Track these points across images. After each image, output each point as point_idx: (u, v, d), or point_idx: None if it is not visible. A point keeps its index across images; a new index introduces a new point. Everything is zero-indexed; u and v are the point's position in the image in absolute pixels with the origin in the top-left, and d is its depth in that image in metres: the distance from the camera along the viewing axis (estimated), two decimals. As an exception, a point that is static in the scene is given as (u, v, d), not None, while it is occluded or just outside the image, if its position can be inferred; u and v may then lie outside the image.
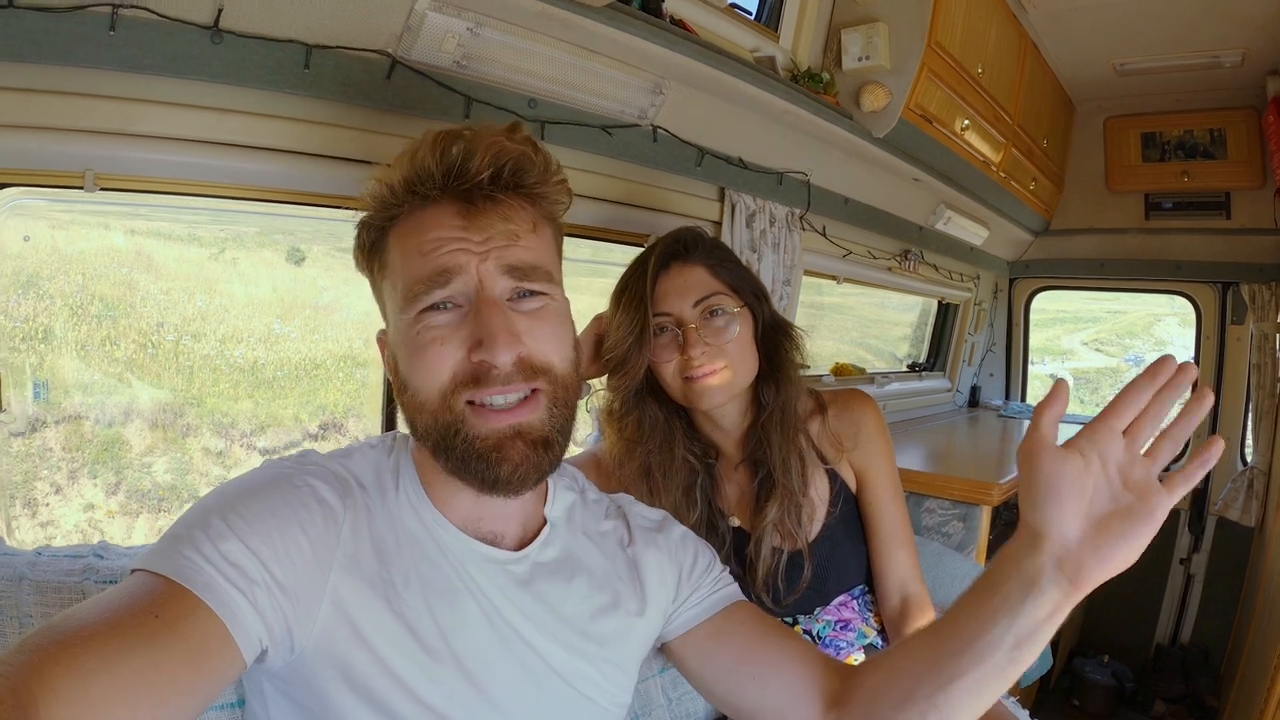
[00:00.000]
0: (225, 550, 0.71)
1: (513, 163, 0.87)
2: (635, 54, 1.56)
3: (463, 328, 0.84)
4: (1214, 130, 3.62)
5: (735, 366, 1.34)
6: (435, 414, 0.84)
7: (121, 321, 1.75)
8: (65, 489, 1.66)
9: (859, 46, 2.21)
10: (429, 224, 0.86)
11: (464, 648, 0.86)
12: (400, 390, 0.89)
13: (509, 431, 0.84)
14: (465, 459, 0.84)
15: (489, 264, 0.85)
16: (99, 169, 1.13)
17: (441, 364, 0.83)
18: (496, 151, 0.86)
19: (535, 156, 0.89)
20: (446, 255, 0.84)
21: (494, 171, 0.86)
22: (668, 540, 1.09)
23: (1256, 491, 3.61)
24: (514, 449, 0.84)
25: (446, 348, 0.83)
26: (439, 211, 0.86)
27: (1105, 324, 7.87)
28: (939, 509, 2.25)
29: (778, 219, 2.20)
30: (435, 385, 0.84)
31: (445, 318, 0.84)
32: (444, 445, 0.85)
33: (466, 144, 0.85)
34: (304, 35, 1.17)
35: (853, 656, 1.43)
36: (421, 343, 0.84)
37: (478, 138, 0.86)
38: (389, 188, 0.88)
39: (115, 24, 1.00)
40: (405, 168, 0.86)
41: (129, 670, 0.60)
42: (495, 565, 0.91)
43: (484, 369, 0.83)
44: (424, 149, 0.86)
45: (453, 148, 0.85)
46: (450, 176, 0.85)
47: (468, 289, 0.84)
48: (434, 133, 0.87)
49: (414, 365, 0.85)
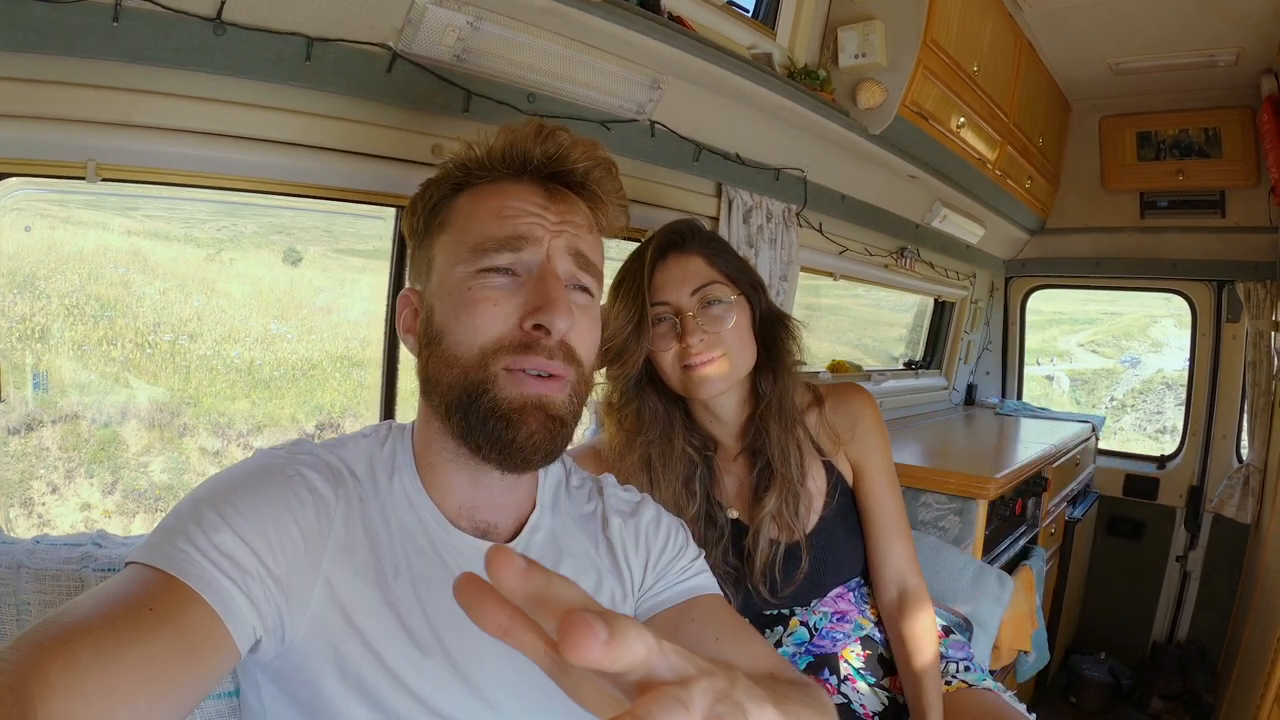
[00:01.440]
0: (218, 541, 0.71)
1: (601, 169, 0.93)
2: (633, 49, 1.57)
3: (519, 295, 0.86)
4: (1209, 129, 3.64)
5: (733, 355, 1.35)
6: (467, 371, 0.85)
7: (118, 321, 1.75)
8: (62, 488, 1.66)
9: (855, 44, 2.22)
10: (512, 193, 0.89)
11: (455, 640, 0.85)
12: (431, 342, 0.88)
13: (535, 400, 0.85)
14: (485, 419, 0.84)
15: (560, 241, 0.88)
16: (101, 159, 1.13)
17: (491, 322, 0.85)
18: (592, 154, 0.92)
19: (615, 173, 0.95)
20: (525, 224, 0.87)
21: (586, 169, 0.92)
22: (639, 523, 1.07)
23: (1252, 488, 3.62)
24: (534, 417, 0.84)
25: (500, 308, 0.85)
26: (524, 187, 0.90)
27: (1101, 325, 7.89)
28: (935, 503, 2.26)
29: (774, 215, 2.20)
30: (478, 342, 0.84)
31: (504, 280, 0.86)
32: (465, 404, 0.84)
33: (569, 140, 0.91)
34: (306, 28, 1.18)
35: (849, 649, 1.44)
36: (475, 298, 0.85)
37: (576, 139, 0.92)
38: (486, 152, 0.92)
39: (118, 15, 1.01)
40: (503, 141, 0.91)
41: (125, 664, 0.60)
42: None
43: (533, 338, 0.84)
44: (524, 131, 0.91)
45: (555, 137, 0.91)
46: (548, 160, 0.91)
47: (534, 260, 0.87)
48: (538, 121, 0.92)
49: (461, 317, 0.85)
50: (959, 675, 1.44)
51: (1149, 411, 7.07)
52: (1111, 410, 7.02)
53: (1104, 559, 4.12)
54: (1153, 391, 7.17)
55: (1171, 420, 6.42)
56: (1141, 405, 7.18)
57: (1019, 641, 2.15)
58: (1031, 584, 2.37)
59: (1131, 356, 7.62)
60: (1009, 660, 2.22)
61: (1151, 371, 7.32)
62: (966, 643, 1.57)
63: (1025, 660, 2.38)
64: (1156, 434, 6.71)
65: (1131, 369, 7.51)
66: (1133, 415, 7.10)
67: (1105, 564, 4.11)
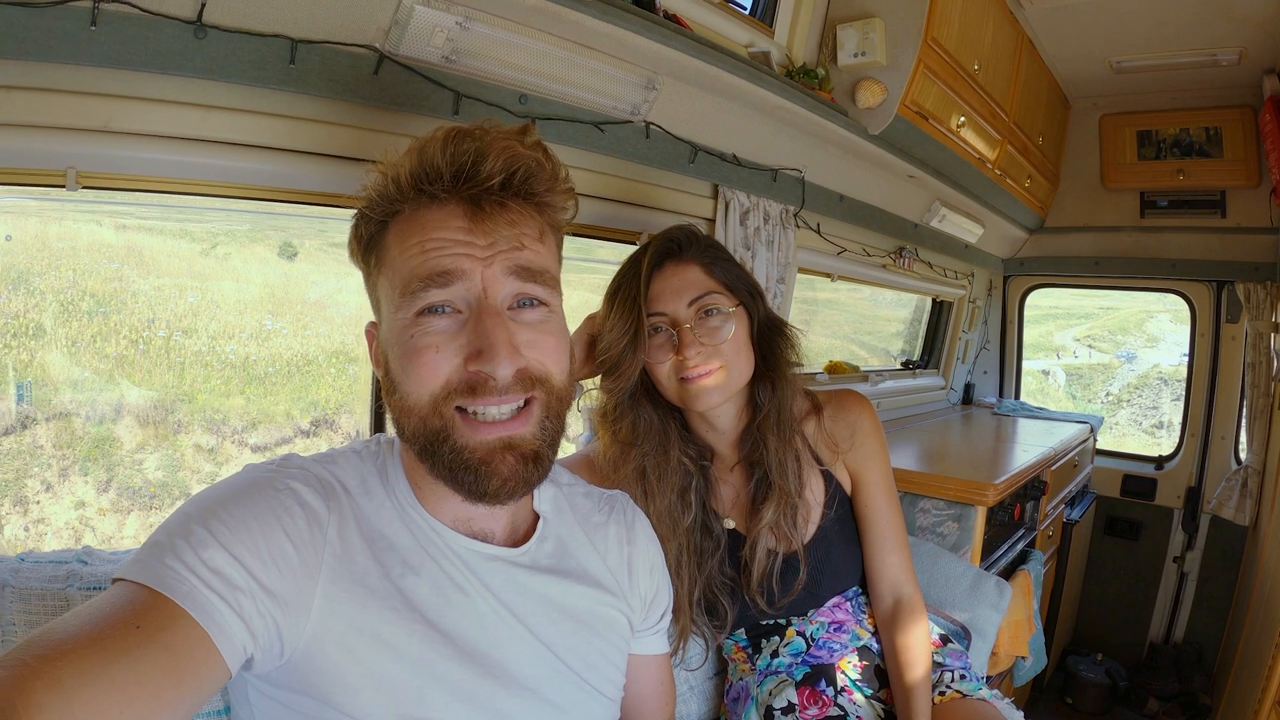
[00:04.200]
0: (207, 558, 0.70)
1: (524, 169, 0.85)
2: (628, 49, 1.54)
3: (460, 335, 0.82)
4: (1210, 129, 3.61)
5: (731, 366, 1.33)
6: (424, 419, 0.83)
7: (112, 318, 1.74)
8: (56, 486, 1.65)
9: (855, 42, 2.20)
10: (433, 223, 0.83)
11: (471, 644, 0.86)
12: (389, 391, 0.87)
13: (499, 444, 0.83)
14: (453, 469, 0.83)
15: (494, 269, 0.83)
16: (81, 167, 1.11)
17: (435, 371, 0.82)
18: (509, 157, 0.84)
19: (546, 164, 0.88)
20: (449, 257, 0.82)
21: (505, 177, 0.84)
22: (652, 565, 1.15)
23: (1250, 490, 3.62)
24: (503, 463, 0.83)
25: (442, 355, 0.82)
26: (445, 212, 0.84)
27: (1097, 320, 7.90)
28: (934, 509, 2.24)
29: (772, 216, 2.18)
30: (426, 391, 0.82)
31: (443, 323, 0.82)
32: (431, 451, 0.83)
33: (479, 146, 0.83)
34: (289, 30, 1.15)
35: (846, 660, 1.42)
36: (416, 347, 0.82)
37: (490, 140, 0.84)
38: (394, 181, 0.85)
39: (96, 19, 0.98)
40: (413, 162, 0.84)
41: (111, 683, 0.59)
42: (500, 562, 0.92)
43: (480, 379, 0.81)
44: (434, 146, 0.84)
45: (464, 148, 0.83)
46: (460, 178, 0.83)
47: (469, 295, 0.83)
48: (445, 130, 0.85)
49: (406, 368, 0.83)
50: (954, 685, 1.43)
51: (1144, 407, 7.08)
52: (1107, 405, 7.04)
53: (1101, 560, 4.12)
54: (1148, 387, 7.19)
55: (1167, 416, 6.43)
56: (1137, 401, 7.19)
57: (1017, 647, 2.14)
58: (1029, 589, 2.36)
59: (1127, 352, 7.63)
60: (1007, 666, 2.21)
61: (1147, 367, 7.33)
62: (964, 651, 1.56)
63: (1022, 665, 2.37)
64: (1152, 429, 6.73)
65: (1127, 364, 7.52)
66: (1128, 410, 7.11)
67: (1102, 565, 4.12)
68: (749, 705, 1.43)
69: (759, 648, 1.46)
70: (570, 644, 0.95)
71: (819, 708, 1.38)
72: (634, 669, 1.12)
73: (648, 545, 1.14)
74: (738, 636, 1.49)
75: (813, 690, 1.39)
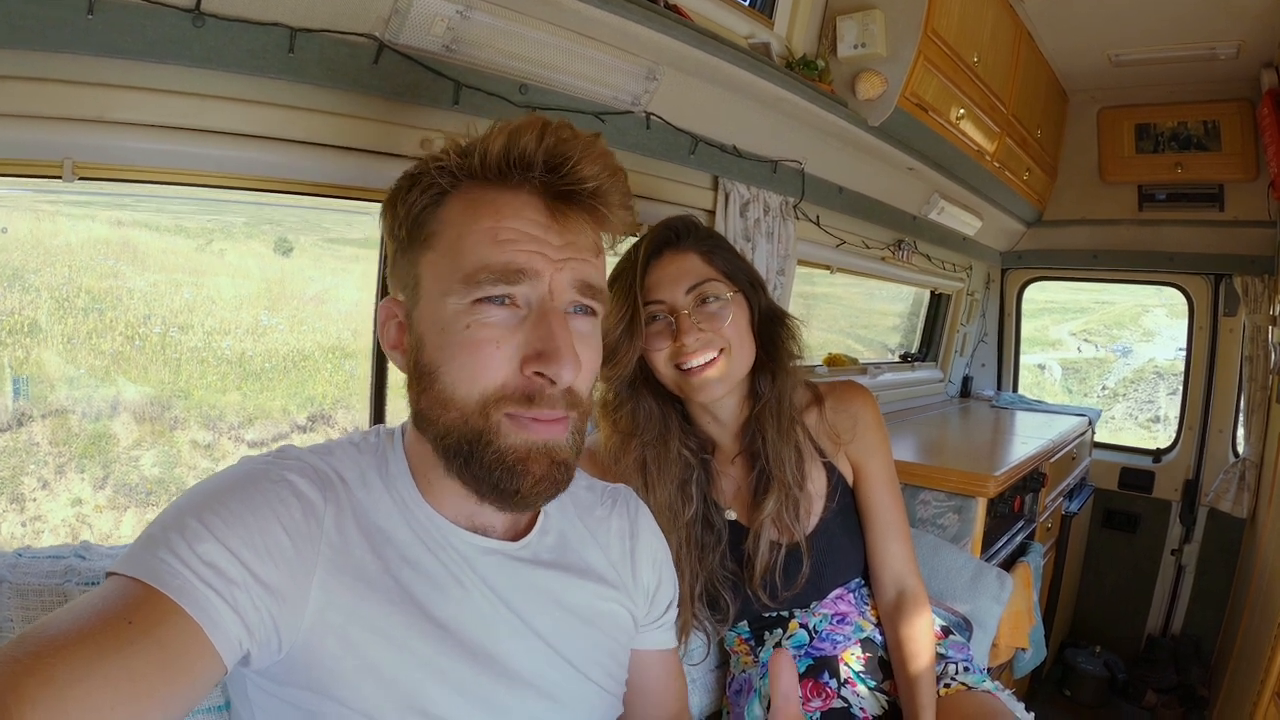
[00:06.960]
0: (201, 551, 0.69)
1: (612, 179, 0.83)
2: (628, 39, 1.53)
3: (520, 332, 0.80)
4: (1208, 122, 3.62)
5: (732, 354, 1.33)
6: (467, 417, 0.80)
7: (108, 314, 1.74)
8: (52, 483, 1.65)
9: (855, 34, 2.19)
10: (508, 210, 0.80)
11: (469, 638, 0.85)
12: (423, 377, 0.83)
13: (541, 445, 0.81)
14: (490, 468, 0.80)
15: (564, 275, 0.81)
16: (78, 158, 1.09)
17: (493, 369, 0.79)
18: (605, 164, 0.82)
19: (624, 177, 0.85)
20: (524, 254, 0.79)
21: (597, 184, 0.81)
22: (655, 558, 1.13)
23: (1248, 483, 3.62)
24: (539, 464, 0.81)
25: (502, 351, 0.79)
26: (523, 200, 0.81)
27: (1094, 314, 7.91)
28: (934, 501, 2.24)
29: (772, 208, 2.18)
30: (477, 389, 0.79)
31: (502, 315, 0.80)
32: (464, 452, 0.81)
33: (580, 144, 0.80)
34: (288, 18, 1.14)
35: (850, 651, 1.42)
36: (474, 340, 0.79)
37: (584, 141, 0.81)
38: (480, 154, 0.81)
39: (93, 7, 0.97)
40: (501, 142, 0.80)
41: (104, 679, 0.59)
42: (498, 555, 0.91)
43: (536, 387, 0.79)
44: (530, 132, 0.80)
45: (565, 140, 0.80)
46: (552, 169, 0.80)
47: (535, 294, 0.80)
48: (538, 119, 0.81)
49: (457, 359, 0.80)
50: (958, 677, 1.43)
51: (1141, 400, 7.10)
52: (1104, 399, 7.05)
53: (1099, 552, 4.13)
54: (1144, 380, 7.20)
55: (1164, 409, 6.45)
56: (1133, 394, 7.21)
57: (1017, 639, 2.14)
58: (1029, 580, 2.36)
59: (1123, 345, 7.64)
60: (1007, 658, 2.21)
61: (1143, 360, 7.35)
62: (966, 643, 1.55)
63: (1022, 657, 2.37)
64: (1149, 422, 6.74)
65: (1123, 358, 7.54)
66: (1125, 404, 7.13)
67: (1100, 557, 4.13)
68: (752, 697, 1.43)
69: (762, 640, 1.46)
70: (569, 638, 0.94)
71: (822, 700, 1.37)
72: (641, 665, 1.11)
73: (651, 539, 1.13)
74: (740, 629, 1.48)
75: (816, 682, 1.39)
